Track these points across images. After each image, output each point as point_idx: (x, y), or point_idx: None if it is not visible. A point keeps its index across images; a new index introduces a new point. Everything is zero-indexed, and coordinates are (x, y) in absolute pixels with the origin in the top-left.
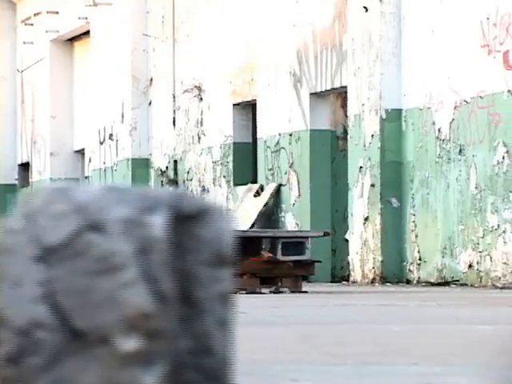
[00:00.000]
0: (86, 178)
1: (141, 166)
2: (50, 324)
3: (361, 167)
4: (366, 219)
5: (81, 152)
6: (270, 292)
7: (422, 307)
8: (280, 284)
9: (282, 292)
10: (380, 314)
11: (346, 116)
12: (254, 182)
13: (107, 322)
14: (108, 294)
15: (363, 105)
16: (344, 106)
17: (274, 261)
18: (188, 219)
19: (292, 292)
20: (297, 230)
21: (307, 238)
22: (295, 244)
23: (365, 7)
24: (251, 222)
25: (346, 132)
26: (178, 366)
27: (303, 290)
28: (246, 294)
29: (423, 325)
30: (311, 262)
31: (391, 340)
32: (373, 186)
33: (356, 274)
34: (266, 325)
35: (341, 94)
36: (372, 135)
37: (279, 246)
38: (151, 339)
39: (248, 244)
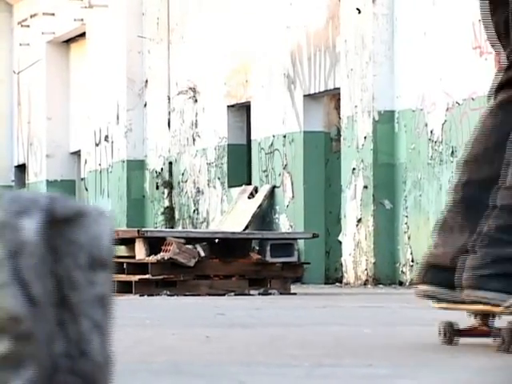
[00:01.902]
0: (82, 179)
1: (136, 168)
2: None
3: (354, 169)
4: (359, 221)
5: (77, 154)
6: (259, 294)
7: (403, 309)
8: (269, 286)
9: (270, 294)
10: (356, 316)
11: (340, 118)
12: (249, 183)
13: None
14: None
15: (356, 106)
16: (338, 107)
17: (262, 262)
18: (63, 222)
19: (281, 294)
20: (285, 231)
21: (296, 239)
22: (284, 246)
23: (358, 9)
24: (245, 224)
25: (339, 134)
26: (52, 370)
27: (292, 291)
28: (235, 295)
29: (395, 326)
30: (300, 263)
31: (358, 341)
32: (366, 187)
33: (349, 276)
34: (239, 327)
35: (334, 95)
36: (365, 137)
37: (268, 248)
38: (21, 342)
39: (237, 246)
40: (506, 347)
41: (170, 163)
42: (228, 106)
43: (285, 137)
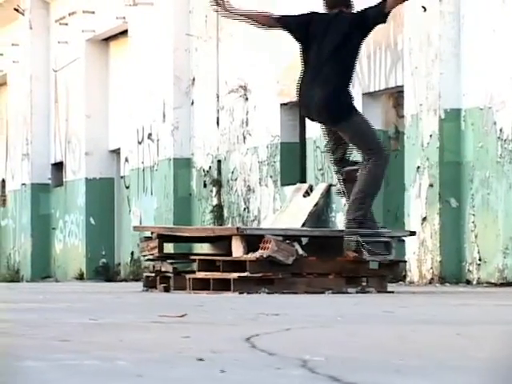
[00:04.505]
0: (122, 177)
1: (182, 166)
2: None
3: (418, 167)
4: (424, 219)
5: (116, 152)
6: (356, 292)
7: None
8: (366, 284)
9: (368, 292)
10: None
11: (398, 116)
12: (302, 181)
13: None
14: None
15: (421, 105)
16: (396, 106)
17: (359, 260)
18: None
19: (378, 292)
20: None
21: (393, 237)
22: (380, 244)
23: (423, 7)
24: (302, 222)
25: (397, 132)
26: None
27: (389, 290)
28: (332, 293)
29: None
30: (396, 261)
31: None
32: (431, 186)
33: (413, 275)
34: (441, 324)
35: (393, 94)
36: (430, 135)
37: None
38: None
39: (328, 244)
40: None
41: (219, 161)
42: (281, 105)
43: None
